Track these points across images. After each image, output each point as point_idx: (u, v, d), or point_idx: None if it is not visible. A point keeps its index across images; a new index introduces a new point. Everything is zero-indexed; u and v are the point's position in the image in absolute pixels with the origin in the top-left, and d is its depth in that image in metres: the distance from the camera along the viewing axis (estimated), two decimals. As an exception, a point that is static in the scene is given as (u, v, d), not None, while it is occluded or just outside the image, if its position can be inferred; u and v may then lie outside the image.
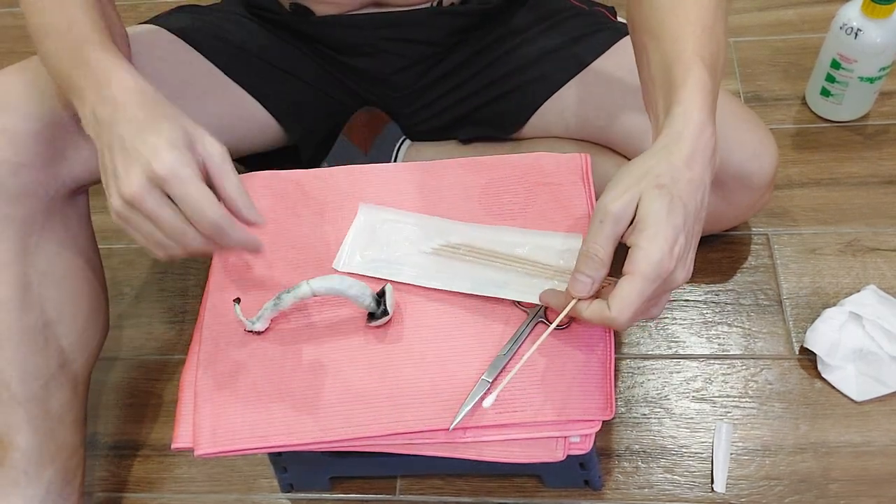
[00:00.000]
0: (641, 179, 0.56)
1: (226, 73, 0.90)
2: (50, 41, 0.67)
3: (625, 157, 0.91)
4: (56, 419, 0.78)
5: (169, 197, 0.59)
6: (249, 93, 0.91)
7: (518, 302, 0.70)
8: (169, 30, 0.90)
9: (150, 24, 0.92)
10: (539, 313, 0.69)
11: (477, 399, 0.65)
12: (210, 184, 0.61)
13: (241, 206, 0.62)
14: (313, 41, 0.93)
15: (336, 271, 0.73)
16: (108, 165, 0.61)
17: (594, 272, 0.58)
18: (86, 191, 0.82)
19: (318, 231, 0.76)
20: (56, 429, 0.78)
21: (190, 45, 0.89)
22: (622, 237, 0.58)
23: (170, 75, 0.86)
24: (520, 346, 0.68)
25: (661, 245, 0.55)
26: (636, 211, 0.56)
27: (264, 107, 0.93)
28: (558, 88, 0.92)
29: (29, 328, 0.76)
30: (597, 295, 0.60)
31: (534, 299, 0.67)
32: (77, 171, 0.77)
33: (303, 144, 0.97)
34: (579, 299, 0.60)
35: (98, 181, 0.71)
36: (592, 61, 0.91)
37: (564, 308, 0.61)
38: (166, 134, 0.59)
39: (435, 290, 0.72)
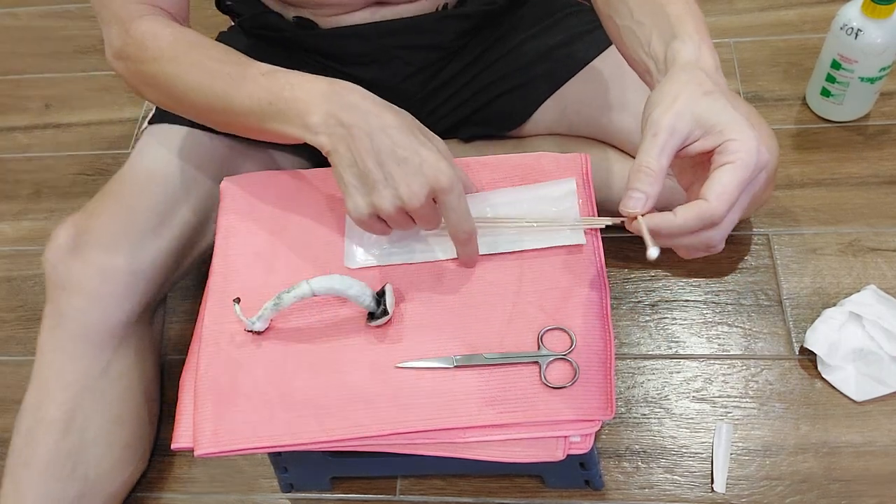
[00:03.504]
0: (682, 94, 0.54)
1: (241, 142, 0.90)
2: (227, 88, 0.70)
3: (627, 154, 0.91)
4: None
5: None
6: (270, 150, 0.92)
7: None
8: (178, 123, 0.89)
9: (158, 123, 0.90)
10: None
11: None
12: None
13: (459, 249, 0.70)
14: (319, 55, 0.92)
15: (349, 270, 0.73)
16: (375, 174, 0.63)
17: (648, 187, 0.54)
18: (164, 302, 0.87)
19: (318, 231, 0.76)
20: None
21: (202, 129, 0.88)
22: (686, 150, 0.55)
23: (194, 169, 0.87)
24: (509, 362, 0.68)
25: (753, 132, 0.53)
26: (692, 123, 0.54)
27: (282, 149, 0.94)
28: (560, 86, 0.92)
29: (62, 452, 0.78)
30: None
31: (548, 244, 0.71)
32: (162, 293, 0.84)
33: (316, 160, 0.97)
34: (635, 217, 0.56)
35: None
36: (594, 58, 0.91)
37: (647, 227, 0.56)
38: (437, 144, 0.67)
39: (434, 290, 0.72)
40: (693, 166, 0.58)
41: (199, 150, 0.84)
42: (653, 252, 0.54)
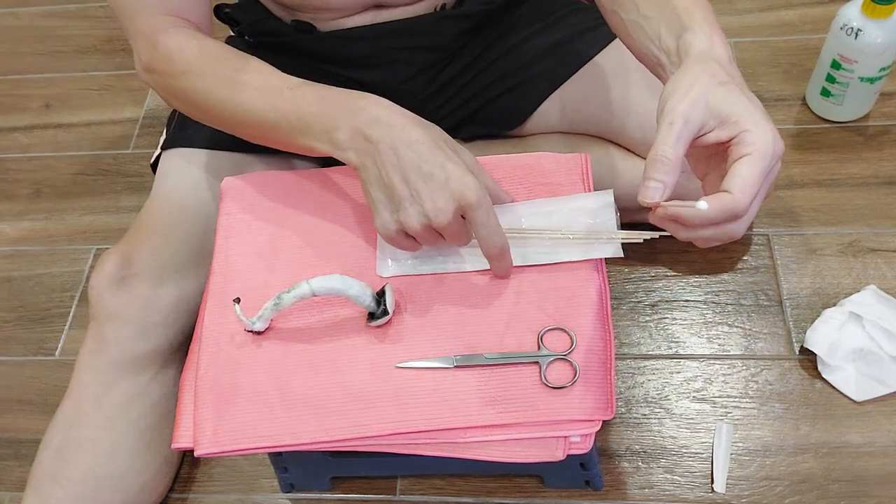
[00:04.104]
0: (697, 84, 0.55)
1: (253, 154, 0.91)
2: (255, 103, 0.70)
3: (629, 151, 0.91)
4: None
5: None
6: (272, 154, 0.91)
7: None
8: (193, 146, 0.90)
9: (172, 148, 0.92)
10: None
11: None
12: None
13: (489, 259, 0.69)
14: (320, 59, 0.92)
15: (382, 278, 0.72)
16: (401, 190, 0.63)
17: (665, 176, 0.54)
18: None
19: (319, 231, 0.76)
20: None
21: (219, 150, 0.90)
22: (701, 140, 0.55)
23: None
24: (508, 362, 0.68)
25: (768, 123, 0.54)
26: (707, 113, 0.54)
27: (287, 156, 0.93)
28: (561, 84, 0.92)
29: (91, 474, 0.79)
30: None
31: (585, 257, 0.71)
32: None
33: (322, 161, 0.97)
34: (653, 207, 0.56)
35: None
36: (594, 56, 0.91)
37: (668, 218, 0.55)
38: (464, 158, 0.67)
39: (435, 290, 0.72)
40: (707, 157, 0.59)
41: (220, 173, 0.85)
42: (703, 205, 0.53)
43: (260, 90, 0.70)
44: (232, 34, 0.99)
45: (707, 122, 0.54)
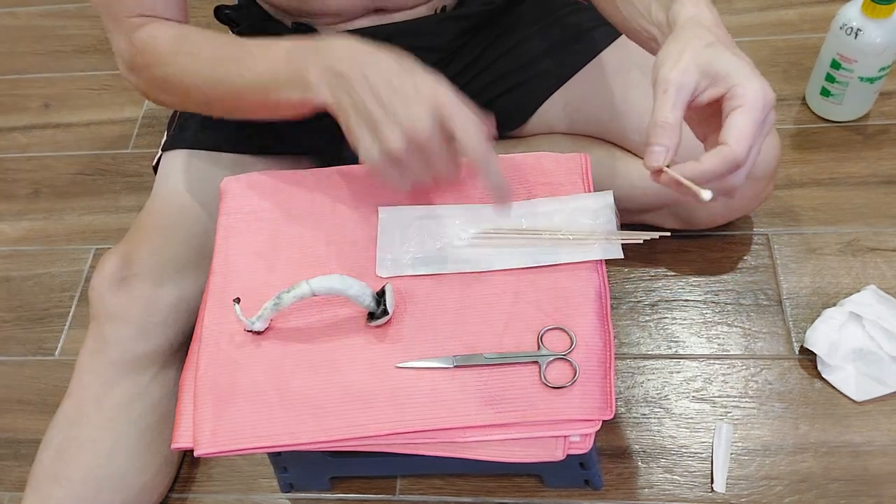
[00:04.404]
0: (686, 50, 0.57)
1: (253, 155, 0.91)
2: (229, 72, 0.71)
3: (629, 152, 0.91)
4: None
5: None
6: (270, 155, 0.92)
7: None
8: (193, 147, 0.91)
9: (172, 150, 0.92)
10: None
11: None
12: None
13: (489, 181, 0.65)
14: None
15: (382, 278, 0.72)
16: (377, 113, 0.62)
17: (668, 140, 0.56)
18: None
19: (319, 231, 0.76)
20: None
21: (218, 150, 0.91)
22: (697, 101, 0.57)
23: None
24: (508, 362, 0.68)
25: (757, 75, 0.56)
26: (698, 75, 0.56)
27: (288, 157, 0.95)
28: (561, 84, 0.92)
29: (91, 474, 0.79)
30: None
31: (585, 258, 0.70)
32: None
33: (320, 162, 0.97)
34: (657, 170, 0.58)
35: None
36: (595, 56, 0.91)
37: (675, 180, 0.57)
38: (428, 72, 0.63)
39: (434, 290, 0.72)
40: (706, 118, 0.60)
41: (220, 173, 0.85)
42: (706, 195, 0.55)
43: (231, 59, 0.71)
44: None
45: (699, 83, 0.57)
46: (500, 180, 0.64)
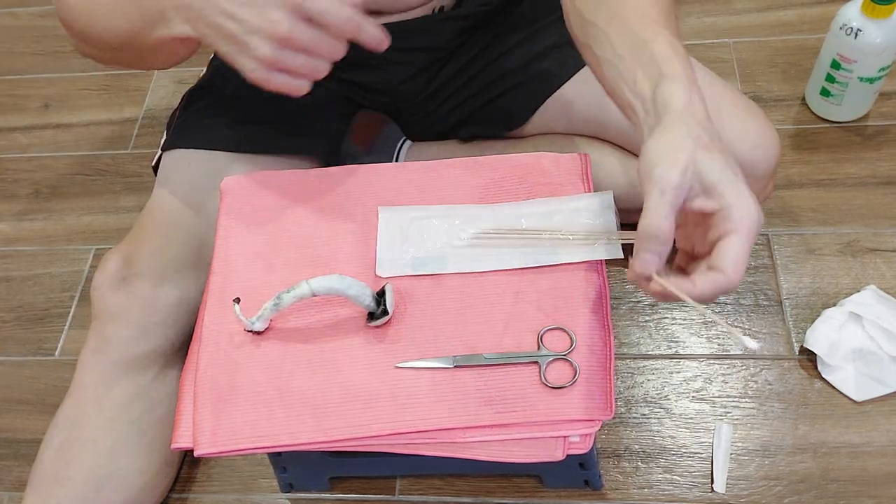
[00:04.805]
0: (682, 150, 0.54)
1: (253, 154, 0.91)
2: (113, 20, 0.72)
3: (628, 152, 0.91)
4: None
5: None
6: (270, 154, 0.92)
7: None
8: (192, 147, 0.91)
9: (172, 149, 0.92)
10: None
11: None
12: None
13: (366, 39, 0.64)
14: None
15: (382, 278, 0.72)
16: (234, 29, 0.63)
17: (661, 247, 0.54)
18: None
19: (319, 231, 0.76)
20: None
21: (218, 149, 0.90)
22: (684, 205, 0.55)
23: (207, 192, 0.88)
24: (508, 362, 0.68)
25: (752, 197, 0.53)
26: (693, 179, 0.53)
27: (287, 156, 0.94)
28: (560, 85, 0.92)
29: (92, 474, 0.79)
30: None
31: (585, 258, 0.70)
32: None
33: (320, 162, 0.97)
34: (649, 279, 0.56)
35: None
36: None
37: (666, 292, 0.56)
38: None
39: (434, 290, 0.72)
40: (685, 223, 0.59)
41: (220, 173, 0.86)
42: (752, 344, 0.55)
43: (114, 4, 0.71)
44: None
45: (693, 187, 0.54)
46: (373, 30, 0.64)
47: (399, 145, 1.01)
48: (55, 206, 1.19)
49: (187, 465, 0.91)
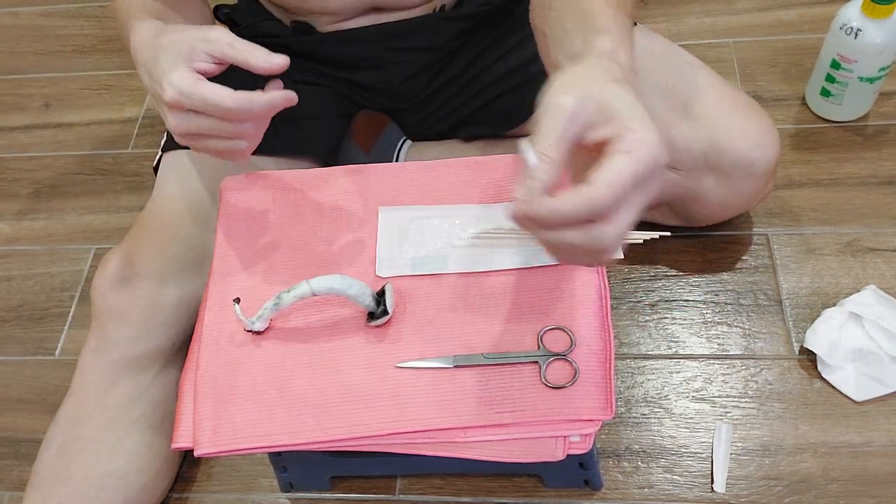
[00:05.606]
0: (588, 77, 0.50)
1: (253, 154, 0.91)
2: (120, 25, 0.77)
3: None
4: None
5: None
6: (270, 155, 0.92)
7: None
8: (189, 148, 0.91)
9: (172, 150, 0.92)
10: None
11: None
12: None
13: (257, 63, 0.64)
14: (318, 62, 0.92)
15: (382, 278, 0.72)
16: (154, 94, 0.68)
17: (544, 175, 0.47)
18: None
19: (319, 231, 0.76)
20: None
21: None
22: (584, 138, 0.49)
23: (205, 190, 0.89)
24: (508, 362, 0.68)
25: (655, 129, 0.47)
26: (595, 108, 0.48)
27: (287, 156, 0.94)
28: None
29: (93, 473, 0.79)
30: None
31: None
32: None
33: (320, 162, 0.97)
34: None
35: None
36: None
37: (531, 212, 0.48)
38: (161, 65, 0.65)
39: (434, 290, 0.72)
40: (586, 161, 0.51)
41: (220, 173, 0.86)
42: (532, 158, 0.48)
43: (124, 27, 0.74)
44: None
45: (593, 118, 0.49)
46: (271, 103, 0.65)
47: (399, 145, 1.01)
48: (56, 205, 1.19)
49: (187, 465, 0.91)
